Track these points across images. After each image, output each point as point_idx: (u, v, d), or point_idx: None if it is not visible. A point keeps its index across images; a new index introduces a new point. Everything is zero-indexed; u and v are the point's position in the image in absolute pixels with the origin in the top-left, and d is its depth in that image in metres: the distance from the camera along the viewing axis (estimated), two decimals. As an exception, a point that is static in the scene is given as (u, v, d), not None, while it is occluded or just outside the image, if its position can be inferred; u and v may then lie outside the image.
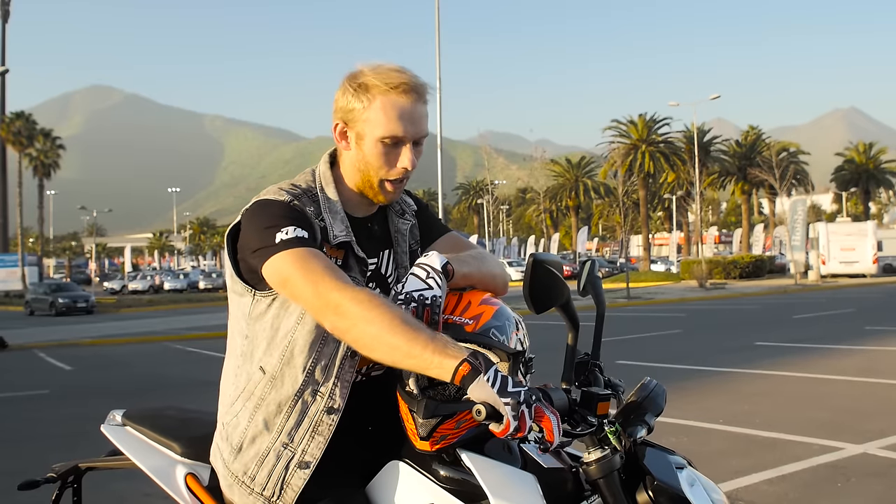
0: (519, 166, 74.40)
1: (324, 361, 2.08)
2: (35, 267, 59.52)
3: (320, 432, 2.07)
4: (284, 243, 1.95)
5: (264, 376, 2.11)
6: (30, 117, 64.50)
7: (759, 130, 76.21)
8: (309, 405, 2.08)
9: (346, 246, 2.13)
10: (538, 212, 78.39)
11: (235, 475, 2.13)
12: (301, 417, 2.08)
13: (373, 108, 2.05)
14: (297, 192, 2.10)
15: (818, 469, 6.15)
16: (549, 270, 2.09)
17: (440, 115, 30.54)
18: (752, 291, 35.62)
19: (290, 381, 2.08)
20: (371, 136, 2.07)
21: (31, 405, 11.20)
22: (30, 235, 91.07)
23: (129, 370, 15.31)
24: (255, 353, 2.13)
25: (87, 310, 38.22)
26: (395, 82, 2.03)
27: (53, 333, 24.76)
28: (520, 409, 1.67)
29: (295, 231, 1.97)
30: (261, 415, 2.11)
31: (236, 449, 2.13)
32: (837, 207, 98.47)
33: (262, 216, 2.02)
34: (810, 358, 12.59)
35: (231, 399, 2.19)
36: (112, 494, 5.59)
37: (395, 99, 2.03)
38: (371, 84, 2.04)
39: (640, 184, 62.52)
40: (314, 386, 2.08)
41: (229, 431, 2.17)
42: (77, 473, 2.67)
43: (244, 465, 2.11)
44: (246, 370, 2.16)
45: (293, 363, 2.08)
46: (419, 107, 2.06)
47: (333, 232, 2.09)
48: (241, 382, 2.17)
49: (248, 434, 2.12)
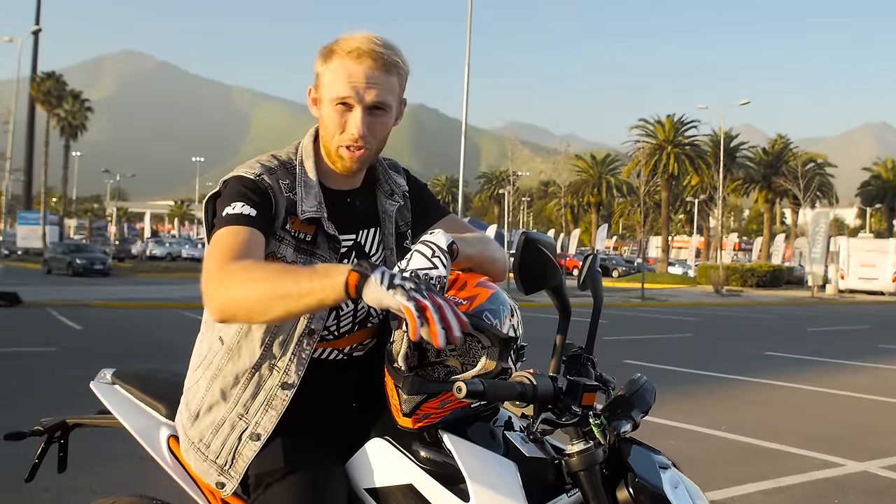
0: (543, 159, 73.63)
1: (282, 336, 2.08)
2: (56, 226, 59.85)
3: (274, 406, 2.08)
4: (226, 218, 1.96)
5: (222, 347, 2.13)
6: (60, 78, 64.72)
7: (787, 140, 75.53)
8: (265, 378, 2.09)
9: (316, 222, 2.11)
10: (559, 206, 78.09)
11: (192, 441, 2.15)
12: (257, 390, 2.09)
13: (328, 72, 2.05)
14: (272, 164, 2.11)
15: (817, 484, 6.09)
16: (540, 250, 2.06)
17: (466, 103, 30.53)
18: (768, 301, 35.43)
19: (247, 353, 2.09)
20: (325, 99, 2.07)
21: (37, 361, 11.29)
22: (53, 195, 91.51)
23: (138, 334, 15.40)
24: (217, 322, 2.12)
25: (104, 272, 38.39)
26: (352, 47, 2.02)
27: (68, 293, 24.89)
28: (410, 293, 1.61)
29: (242, 207, 1.97)
30: (218, 384, 2.12)
31: (193, 416, 2.16)
32: (861, 223, 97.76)
33: (225, 191, 2.04)
34: (820, 371, 12.49)
35: (194, 365, 2.22)
36: (100, 453, 5.62)
37: (347, 63, 2.02)
38: (334, 49, 2.05)
39: (663, 185, 62.24)
40: (271, 360, 2.09)
41: (189, 398, 2.20)
42: (65, 429, 2.66)
43: (200, 431, 2.13)
44: (208, 338, 2.19)
45: (251, 336, 2.09)
46: (375, 73, 2.02)
47: (303, 207, 2.08)
48: (202, 350, 2.20)
49: (205, 402, 2.14)
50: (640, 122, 66.90)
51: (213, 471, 2.10)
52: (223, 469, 2.09)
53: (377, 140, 2.11)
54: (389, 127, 2.14)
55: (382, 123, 2.10)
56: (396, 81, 2.08)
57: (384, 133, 2.13)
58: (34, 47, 59.43)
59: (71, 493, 5.00)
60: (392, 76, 2.06)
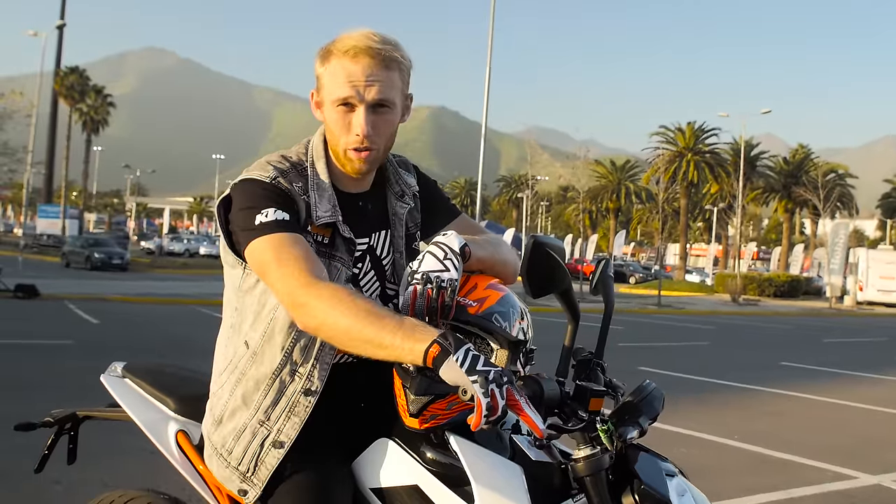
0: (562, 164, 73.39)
1: (303, 342, 2.06)
2: (76, 220, 60.19)
3: (297, 413, 2.05)
4: (263, 227, 1.94)
5: (247, 351, 2.10)
6: (83, 73, 65.19)
7: (808, 149, 75.13)
8: (287, 385, 2.07)
9: (332, 226, 2.09)
10: (577, 211, 77.92)
11: (215, 446, 2.13)
12: (278, 396, 2.07)
13: (327, 73, 2.03)
14: (284, 166, 2.07)
15: (829, 496, 6.04)
16: (549, 254, 2.05)
17: (486, 106, 30.49)
18: (785, 311, 35.24)
19: (269, 358, 2.07)
20: (327, 101, 2.05)
21: (53, 354, 11.36)
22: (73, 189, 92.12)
23: (154, 329, 15.46)
24: (243, 326, 2.12)
25: (122, 267, 38.63)
26: (348, 46, 1.99)
27: (86, 287, 25.05)
28: (489, 386, 1.61)
29: (275, 213, 1.95)
30: (241, 390, 2.10)
31: (217, 421, 2.14)
32: (881, 234, 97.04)
33: (244, 195, 2.01)
34: (835, 383, 12.40)
35: (219, 370, 2.19)
36: (111, 446, 5.64)
37: (345, 62, 1.99)
38: (331, 49, 2.02)
39: (682, 192, 62.06)
40: (292, 366, 2.07)
41: (213, 402, 2.18)
42: (75, 421, 2.67)
43: (223, 437, 2.11)
44: (234, 343, 2.16)
45: (273, 341, 2.07)
46: (375, 71, 1.99)
47: (318, 212, 2.06)
48: (228, 354, 2.17)
49: (228, 407, 2.12)
50: (660, 128, 66.88)
51: (235, 477, 2.07)
52: (245, 476, 2.06)
53: (384, 139, 2.08)
54: (395, 124, 2.10)
55: (387, 121, 2.06)
56: (398, 77, 2.04)
57: (390, 131, 2.09)
58: (58, 42, 59.88)
59: (81, 486, 5.01)
60: (393, 72, 2.02)
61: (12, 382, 8.89)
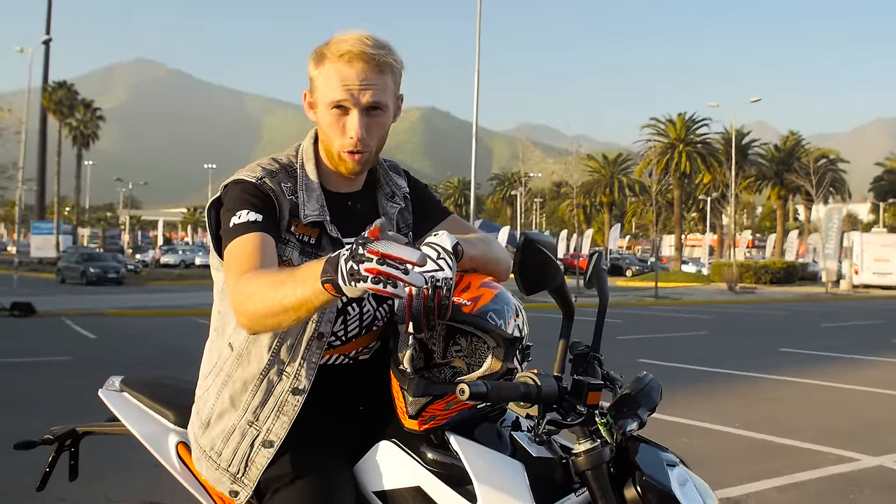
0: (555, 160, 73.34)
1: (289, 341, 2.07)
2: (70, 236, 60.13)
3: (285, 412, 2.06)
4: (236, 228, 1.96)
5: (232, 353, 2.12)
6: (71, 87, 65.09)
7: (798, 136, 75.24)
8: (274, 384, 2.08)
9: (319, 225, 2.11)
10: (571, 207, 77.95)
11: (203, 449, 2.14)
12: (266, 396, 2.08)
13: (321, 76, 2.04)
14: (273, 168, 2.10)
15: (832, 479, 6.06)
16: (540, 250, 2.06)
17: (476, 105, 30.51)
18: (782, 297, 35.27)
19: (255, 359, 2.08)
20: (321, 103, 2.07)
21: (51, 371, 11.34)
22: (66, 204, 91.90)
23: (152, 342, 15.43)
24: (227, 328, 2.14)
25: (118, 280, 38.62)
26: (343, 50, 2.00)
27: (82, 302, 24.99)
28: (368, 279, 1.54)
29: (248, 215, 1.97)
30: (227, 391, 2.11)
31: (205, 424, 2.15)
32: (874, 217, 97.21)
33: (228, 197, 2.04)
34: (834, 367, 12.42)
35: (204, 373, 2.21)
36: (115, 461, 5.62)
37: (339, 66, 2.00)
38: (325, 52, 2.04)
39: (676, 183, 62.07)
40: (280, 366, 2.08)
41: (200, 406, 2.19)
42: (75, 437, 2.66)
43: (211, 440, 2.13)
44: (217, 345, 2.18)
45: (259, 341, 2.08)
46: (369, 75, 2.00)
47: (305, 211, 2.08)
48: (213, 357, 2.19)
49: (215, 410, 2.13)
50: (651, 121, 66.78)
51: (225, 479, 2.09)
52: (236, 477, 2.08)
53: (376, 141, 2.10)
54: (387, 127, 2.13)
55: (380, 124, 2.09)
56: (391, 80, 2.07)
57: (382, 133, 2.12)
58: (45, 57, 59.83)
59: (86, 502, 5.01)
60: (386, 75, 2.04)
61: (11, 401, 8.87)
